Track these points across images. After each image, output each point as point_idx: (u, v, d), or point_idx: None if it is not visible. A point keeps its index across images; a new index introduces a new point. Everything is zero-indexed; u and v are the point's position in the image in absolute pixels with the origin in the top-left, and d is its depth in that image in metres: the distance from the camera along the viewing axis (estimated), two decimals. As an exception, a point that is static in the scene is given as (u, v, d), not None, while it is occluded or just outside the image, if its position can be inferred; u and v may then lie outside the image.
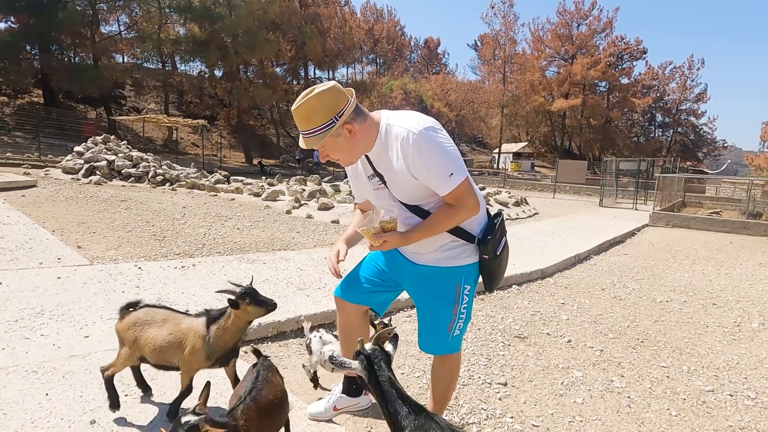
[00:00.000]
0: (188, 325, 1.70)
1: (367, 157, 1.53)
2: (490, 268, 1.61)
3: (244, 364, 2.38)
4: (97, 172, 10.45)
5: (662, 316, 3.90)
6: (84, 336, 2.43)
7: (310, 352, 2.19)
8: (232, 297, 1.63)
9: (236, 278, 3.77)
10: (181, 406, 1.73)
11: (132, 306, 1.81)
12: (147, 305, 1.81)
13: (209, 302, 3.11)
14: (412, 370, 2.54)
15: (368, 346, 1.34)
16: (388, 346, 1.33)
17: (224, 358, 1.72)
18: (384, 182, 1.53)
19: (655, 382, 2.63)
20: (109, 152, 11.37)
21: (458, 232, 1.55)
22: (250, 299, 1.63)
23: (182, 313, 1.80)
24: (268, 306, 1.67)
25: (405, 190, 1.50)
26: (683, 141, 50.10)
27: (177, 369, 1.73)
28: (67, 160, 11.10)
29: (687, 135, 50.09)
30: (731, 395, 2.52)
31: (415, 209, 1.55)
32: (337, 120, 1.38)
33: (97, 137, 12.19)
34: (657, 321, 3.77)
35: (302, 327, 2.98)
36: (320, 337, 2.28)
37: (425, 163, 1.40)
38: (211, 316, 1.70)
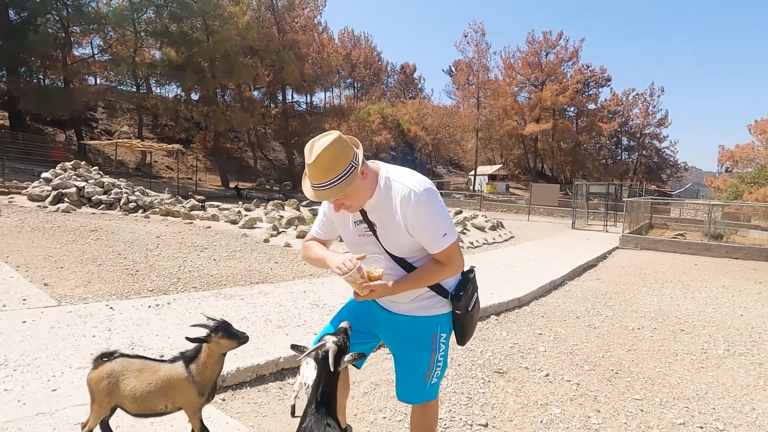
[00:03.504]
0: (167, 372, 1.70)
1: None
2: (462, 323, 1.66)
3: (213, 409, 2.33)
4: (66, 199, 10.11)
5: (635, 345, 4.02)
6: (51, 389, 2.32)
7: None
8: (204, 332, 1.67)
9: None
10: None
11: (106, 356, 1.77)
12: (122, 355, 1.78)
13: (185, 345, 3.01)
14: (393, 414, 2.53)
15: (331, 341, 1.42)
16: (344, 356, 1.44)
17: (212, 392, 1.76)
18: (373, 231, 1.56)
19: (629, 416, 2.70)
20: (78, 178, 11.05)
21: (434, 285, 1.60)
22: (223, 332, 1.68)
23: (157, 360, 1.79)
24: (240, 338, 1.71)
25: (395, 243, 1.54)
26: (648, 163, 52.55)
27: (161, 415, 1.73)
28: (33, 187, 10.71)
29: (651, 158, 52.63)
30: (701, 427, 2.61)
31: (401, 261, 1.58)
32: (356, 165, 1.40)
33: (67, 163, 11.85)
34: (630, 350, 3.88)
35: (281, 370, 2.94)
36: (308, 362, 2.27)
37: (423, 223, 1.46)
38: (187, 357, 1.73)
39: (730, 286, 6.88)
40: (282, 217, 10.08)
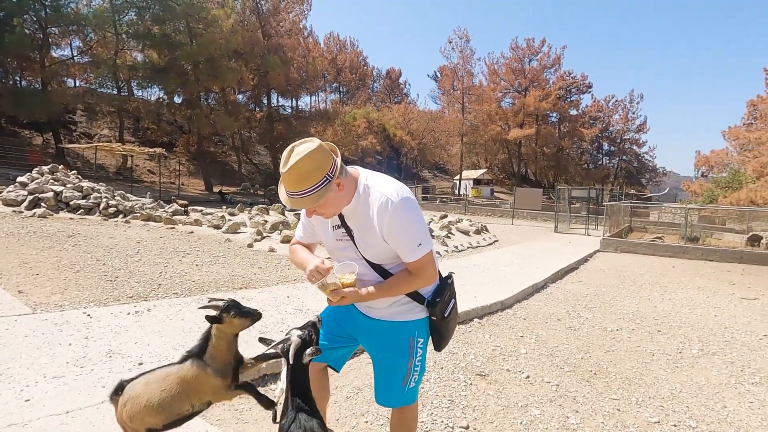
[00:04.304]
0: (178, 373, 1.62)
1: None
2: (438, 329, 1.67)
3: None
4: (43, 204, 9.86)
5: (613, 346, 4.11)
6: (24, 400, 2.26)
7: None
8: (215, 312, 1.58)
9: (195, 323, 3.65)
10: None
11: (119, 390, 1.70)
12: (127, 381, 1.71)
13: (165, 352, 2.99)
14: (375, 418, 2.54)
15: (296, 335, 1.45)
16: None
17: (235, 372, 1.67)
18: (351, 236, 1.57)
19: (607, 416, 2.76)
20: (56, 183, 10.79)
21: (412, 292, 1.61)
22: (235, 311, 1.60)
23: (161, 367, 1.71)
24: (253, 316, 1.64)
25: (372, 249, 1.55)
26: (628, 168, 53.84)
27: (190, 417, 1.66)
28: (8, 191, 10.40)
29: (631, 162, 53.95)
30: (675, 425, 2.69)
31: (377, 268, 1.59)
32: (331, 178, 1.39)
33: (44, 167, 11.56)
34: (608, 351, 3.97)
35: (263, 376, 2.93)
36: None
37: (399, 231, 1.47)
38: (195, 352, 1.65)
39: (705, 288, 7.08)
40: (266, 221, 10.01)
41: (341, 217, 1.57)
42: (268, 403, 1.72)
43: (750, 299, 6.35)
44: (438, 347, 1.73)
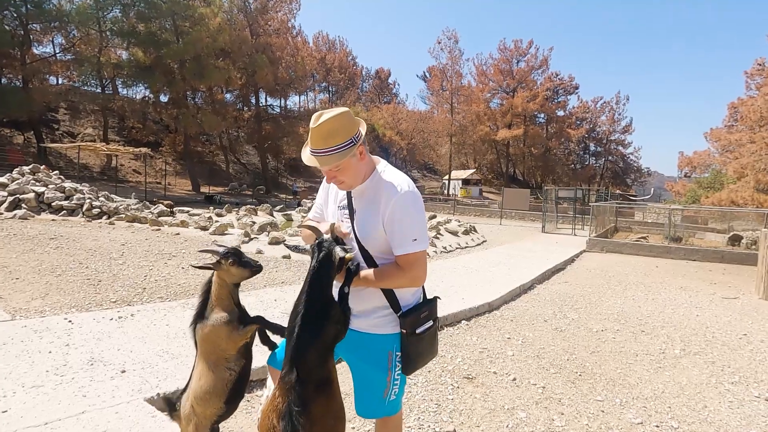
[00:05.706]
0: (197, 352, 1.60)
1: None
2: (407, 347, 1.58)
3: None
4: (23, 205, 9.64)
5: (598, 347, 4.16)
6: (2, 410, 2.20)
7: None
8: (215, 258, 1.53)
9: (180, 328, 3.60)
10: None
11: (172, 407, 1.70)
12: (180, 393, 1.71)
13: (149, 359, 2.94)
14: (362, 423, 2.53)
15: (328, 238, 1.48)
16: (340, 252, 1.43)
17: (241, 315, 1.62)
18: (352, 218, 1.58)
19: (591, 418, 2.79)
20: (37, 183, 10.56)
21: (392, 300, 1.58)
22: (234, 259, 1.55)
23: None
24: (252, 267, 1.59)
25: (368, 234, 1.55)
26: (614, 168, 54.71)
27: (239, 382, 1.62)
28: (-13, 193, 10.14)
29: (617, 163, 54.81)
30: (657, 426, 2.73)
31: (369, 259, 1.57)
32: (355, 142, 1.47)
33: (25, 167, 11.31)
34: (593, 352, 4.02)
35: (249, 382, 2.90)
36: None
37: (399, 220, 1.48)
38: (197, 317, 1.61)
39: (687, 287, 7.22)
40: (254, 223, 9.92)
41: (349, 197, 1.60)
42: (281, 330, 1.68)
43: (730, 299, 6.49)
44: (405, 369, 1.61)
